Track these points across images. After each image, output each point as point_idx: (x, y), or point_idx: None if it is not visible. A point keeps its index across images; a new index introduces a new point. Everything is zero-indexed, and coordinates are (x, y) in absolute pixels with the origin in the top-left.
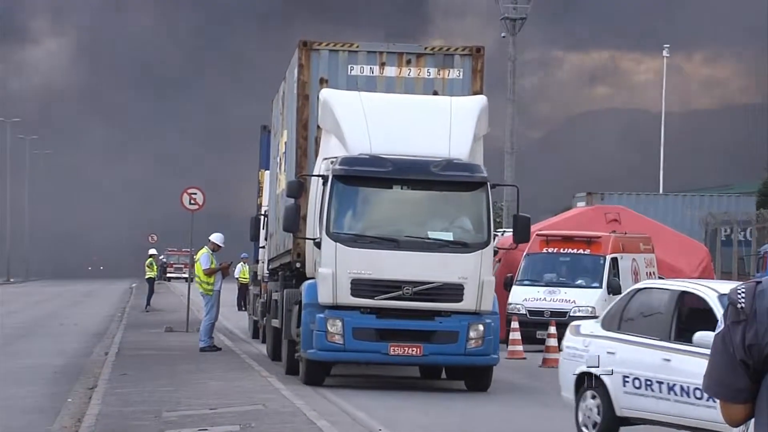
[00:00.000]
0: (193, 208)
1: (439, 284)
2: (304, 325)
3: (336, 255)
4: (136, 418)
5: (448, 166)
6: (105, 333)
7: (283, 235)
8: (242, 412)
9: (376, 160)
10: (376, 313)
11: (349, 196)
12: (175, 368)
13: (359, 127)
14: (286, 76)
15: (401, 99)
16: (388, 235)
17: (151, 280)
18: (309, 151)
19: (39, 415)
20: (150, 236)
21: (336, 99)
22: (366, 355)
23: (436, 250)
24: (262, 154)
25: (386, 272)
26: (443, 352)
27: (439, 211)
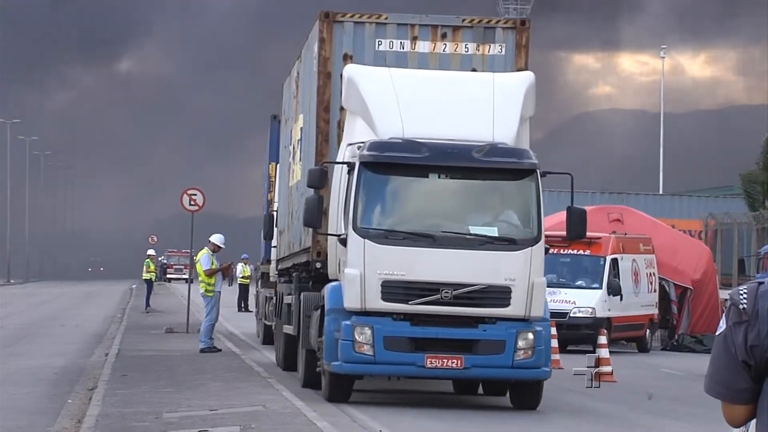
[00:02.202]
0: (192, 209)
1: (482, 286)
2: (328, 333)
3: (364, 253)
4: (137, 419)
5: (492, 151)
6: (105, 334)
7: (298, 232)
8: (242, 414)
9: (410, 144)
10: (410, 320)
11: (379, 186)
12: (175, 369)
13: (390, 108)
14: (302, 54)
15: (437, 75)
16: (423, 231)
17: (150, 280)
18: (331, 136)
19: (39, 416)
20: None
21: (363, 76)
22: (399, 368)
23: (479, 248)
24: (272, 145)
25: (422, 273)
26: (487, 365)
27: (482, 202)
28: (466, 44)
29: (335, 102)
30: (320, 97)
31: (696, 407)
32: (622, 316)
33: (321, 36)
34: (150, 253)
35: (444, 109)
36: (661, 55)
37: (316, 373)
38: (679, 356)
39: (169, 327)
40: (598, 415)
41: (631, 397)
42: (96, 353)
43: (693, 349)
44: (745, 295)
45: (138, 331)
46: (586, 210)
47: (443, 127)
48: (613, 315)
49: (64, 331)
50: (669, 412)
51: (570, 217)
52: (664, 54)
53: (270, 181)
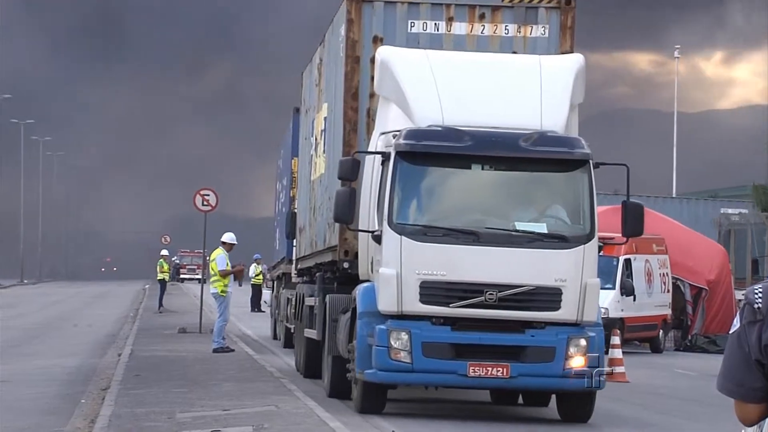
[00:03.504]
0: (205, 209)
1: (530, 288)
2: (360, 339)
3: (401, 251)
4: (150, 419)
5: (540, 140)
6: (118, 334)
7: (321, 229)
8: (255, 414)
9: (451, 132)
10: (451, 324)
11: (417, 177)
12: (188, 370)
13: (428, 93)
14: (326, 39)
15: (479, 58)
16: (465, 227)
17: (163, 281)
18: (359, 125)
19: (52, 415)
20: (163, 237)
21: (398, 59)
22: (439, 377)
23: (527, 246)
24: (294, 140)
25: (464, 273)
26: (536, 373)
27: (529, 196)
28: (506, 25)
29: (364, 88)
30: (348, 83)
31: (709, 407)
32: (635, 316)
33: (349, 17)
34: (163, 254)
35: (487, 95)
36: (675, 56)
37: (344, 381)
38: (693, 357)
39: (182, 327)
40: (611, 414)
41: (643, 398)
42: (109, 353)
43: (706, 350)
44: (761, 295)
45: (151, 331)
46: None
47: (486, 114)
48: (626, 315)
49: (77, 331)
50: (682, 412)
51: (626, 212)
52: (678, 54)
53: (293, 177)
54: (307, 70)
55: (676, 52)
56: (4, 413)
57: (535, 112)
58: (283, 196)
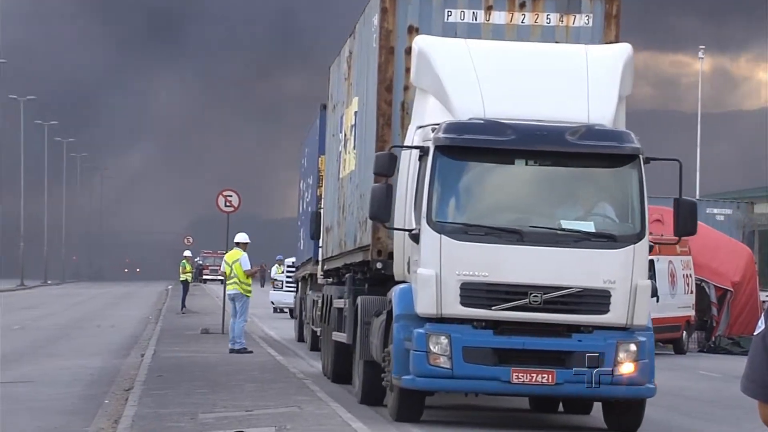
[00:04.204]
0: (228, 210)
1: (577, 290)
2: (397, 343)
3: (440, 251)
4: (173, 419)
5: (588, 133)
6: (141, 335)
7: (352, 228)
8: (278, 414)
9: (493, 126)
10: (493, 328)
11: (457, 173)
12: (210, 370)
13: (468, 85)
14: (356, 30)
15: (522, 48)
16: (508, 225)
17: (185, 281)
18: (393, 119)
19: (76, 416)
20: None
21: (437, 49)
22: (480, 384)
23: (573, 245)
24: (321, 137)
25: (507, 274)
26: (583, 380)
27: (575, 192)
28: (548, 14)
29: (398, 80)
30: (381, 75)
31: (733, 409)
32: (659, 317)
33: (383, 6)
34: (186, 254)
35: (531, 86)
36: (699, 56)
37: (376, 387)
38: (716, 358)
39: (204, 328)
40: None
41: (667, 399)
42: (132, 354)
43: (730, 351)
44: None
45: (174, 332)
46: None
47: (530, 107)
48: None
49: (100, 331)
50: (706, 414)
51: (679, 210)
52: (702, 55)
53: (319, 176)
54: (335, 63)
55: (700, 52)
56: (28, 413)
57: (582, 104)
58: (309, 195)
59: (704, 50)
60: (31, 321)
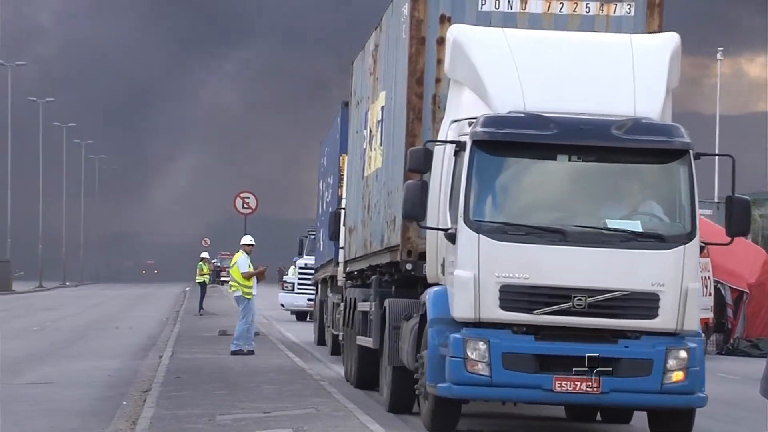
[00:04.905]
0: (246, 212)
1: (624, 293)
2: (432, 348)
3: (479, 252)
4: (190, 421)
5: (635, 127)
6: (159, 336)
7: (378, 228)
8: (295, 416)
9: (534, 119)
10: (534, 333)
11: (496, 169)
12: (228, 372)
13: (507, 76)
14: (383, 22)
15: (563, 37)
16: (551, 224)
17: (203, 283)
18: (424, 113)
19: (94, 417)
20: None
21: (473, 39)
22: (521, 392)
23: (619, 246)
24: (342, 135)
25: (549, 276)
26: (630, 389)
27: (621, 190)
28: (587, 3)
29: (429, 72)
30: (412, 66)
31: (752, 412)
32: None
33: None
34: (203, 256)
35: (573, 78)
36: (718, 57)
37: (406, 394)
38: (735, 360)
39: (222, 329)
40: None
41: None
42: (150, 356)
43: (749, 354)
44: None
45: (191, 333)
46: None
47: (573, 99)
48: None
49: (118, 333)
50: (725, 417)
51: (732, 208)
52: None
53: (340, 175)
54: (359, 58)
55: (718, 54)
56: (47, 415)
57: (628, 96)
58: (329, 195)
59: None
60: (50, 322)
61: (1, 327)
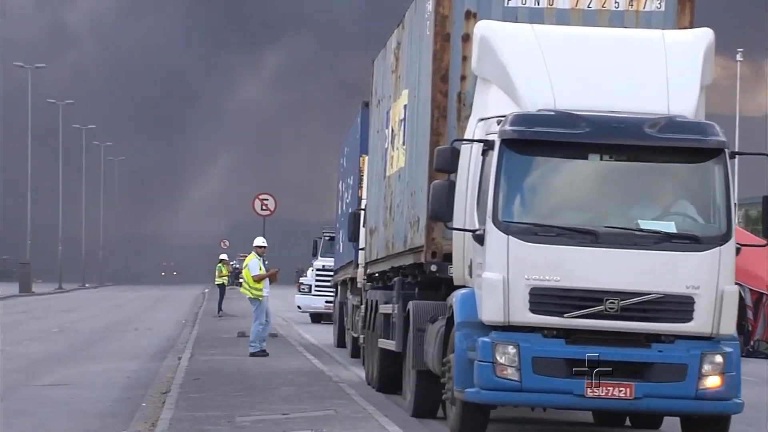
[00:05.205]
0: (264, 213)
1: (657, 296)
2: (459, 352)
3: (508, 253)
4: (209, 422)
5: (669, 125)
6: (178, 338)
7: (401, 229)
8: (314, 418)
9: (565, 117)
10: (565, 337)
11: (526, 169)
12: (247, 373)
13: (537, 73)
14: (405, 19)
15: (594, 33)
16: (582, 225)
17: (222, 285)
18: (449, 111)
19: (113, 419)
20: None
21: (501, 35)
22: (552, 397)
23: (653, 247)
24: (363, 136)
25: (581, 278)
26: (664, 394)
27: (655, 190)
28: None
29: (455, 69)
30: (437, 63)
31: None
32: None
33: None
34: (222, 258)
35: (605, 75)
36: (738, 59)
37: (430, 399)
38: (755, 362)
39: (241, 331)
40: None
41: None
42: (169, 357)
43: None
44: None
45: (210, 335)
46: None
47: (605, 97)
48: None
49: (137, 334)
50: (743, 418)
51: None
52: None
53: (360, 176)
54: (380, 56)
55: (738, 55)
56: (67, 416)
57: (661, 94)
58: (349, 196)
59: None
60: (70, 324)
61: (22, 328)
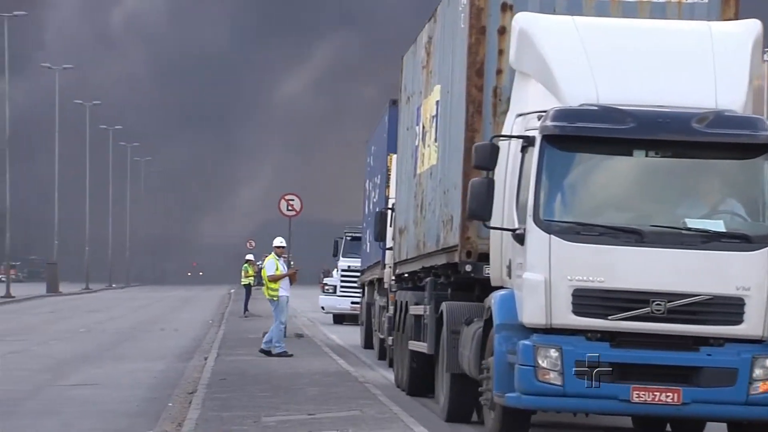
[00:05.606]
0: (290, 214)
1: (706, 297)
2: (499, 356)
3: (550, 253)
4: (236, 422)
5: (717, 120)
6: (204, 338)
7: (433, 228)
8: (340, 418)
9: (609, 112)
10: (609, 340)
11: (568, 166)
12: (273, 374)
13: (579, 67)
14: (437, 13)
15: (637, 25)
16: (627, 224)
17: (248, 285)
18: (485, 106)
19: (140, 418)
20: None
21: (541, 27)
22: (596, 403)
23: (701, 247)
24: (390, 135)
25: (626, 279)
26: (713, 400)
27: (702, 187)
28: None
29: (490, 63)
30: (472, 57)
31: None
32: None
33: None
34: (248, 258)
35: (649, 68)
36: (764, 59)
37: (465, 402)
38: None
39: (266, 331)
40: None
41: None
42: (195, 357)
43: None
44: None
45: (236, 335)
46: None
47: (650, 91)
48: None
49: (163, 335)
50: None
51: None
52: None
53: (387, 175)
54: (409, 52)
55: (765, 55)
56: (94, 416)
57: (709, 87)
58: (376, 195)
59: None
60: (97, 324)
61: (49, 328)
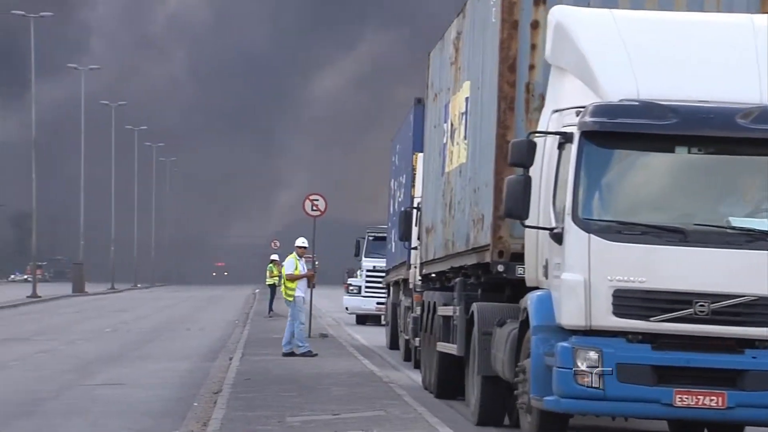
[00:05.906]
0: (315, 214)
1: (751, 298)
2: (536, 358)
3: (589, 253)
4: (260, 422)
5: (763, 116)
6: (229, 338)
7: (463, 227)
8: (364, 418)
9: (650, 108)
10: (651, 342)
11: (608, 163)
12: (297, 374)
13: (618, 61)
14: (466, 7)
15: (677, 18)
16: (669, 223)
17: (273, 285)
18: (517, 102)
19: (165, 418)
20: (273, 242)
21: (578, 20)
22: (637, 407)
23: (746, 246)
24: (416, 133)
25: (668, 279)
26: (759, 404)
27: (747, 185)
28: None
29: (523, 58)
30: (504, 52)
31: None
32: None
33: None
34: (273, 258)
35: (691, 62)
36: None
37: (496, 406)
38: None
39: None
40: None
41: None
42: (220, 357)
43: None
44: None
45: (261, 335)
46: None
47: (691, 85)
48: None
49: (188, 334)
50: None
51: None
52: None
53: (413, 174)
54: (437, 48)
55: None
56: (120, 415)
57: (753, 82)
58: (401, 194)
59: None
60: (122, 324)
61: (75, 328)
